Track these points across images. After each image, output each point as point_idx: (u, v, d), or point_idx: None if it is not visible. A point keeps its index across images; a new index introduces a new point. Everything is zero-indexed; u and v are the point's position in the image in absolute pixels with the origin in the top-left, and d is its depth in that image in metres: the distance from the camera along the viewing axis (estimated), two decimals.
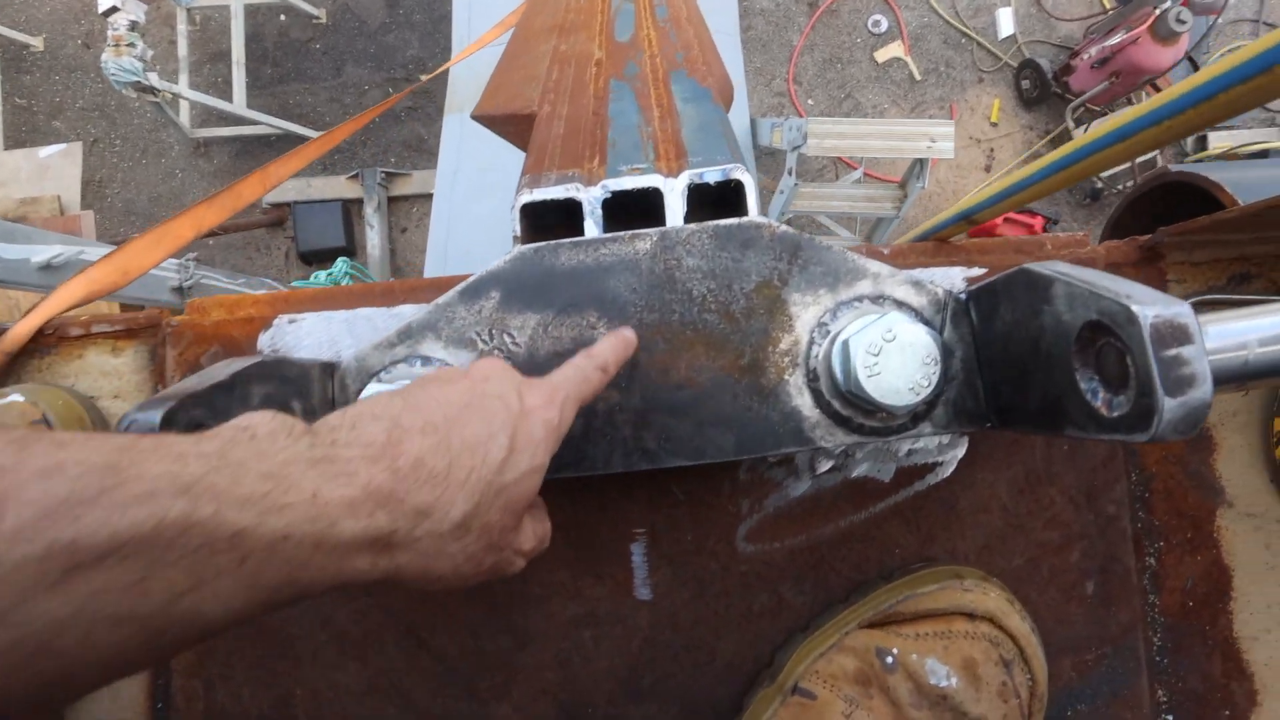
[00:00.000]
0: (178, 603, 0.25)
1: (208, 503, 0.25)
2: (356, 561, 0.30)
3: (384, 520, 0.31)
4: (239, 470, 0.27)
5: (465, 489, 0.34)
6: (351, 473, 0.30)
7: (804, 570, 0.58)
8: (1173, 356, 0.32)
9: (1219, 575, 0.58)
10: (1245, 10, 3.36)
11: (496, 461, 0.35)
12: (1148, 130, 0.35)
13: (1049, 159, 0.45)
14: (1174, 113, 0.33)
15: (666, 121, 0.67)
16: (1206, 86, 0.31)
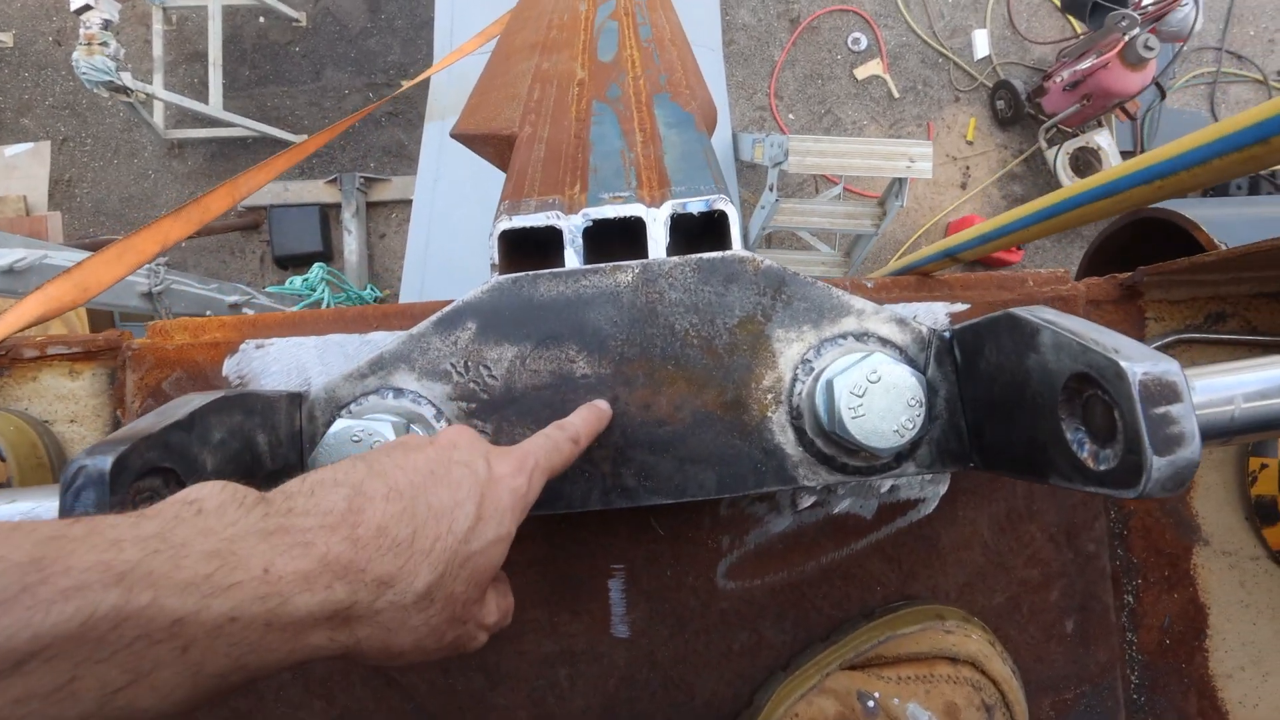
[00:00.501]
0: (111, 701, 0.23)
1: (143, 590, 0.23)
2: (312, 638, 0.29)
3: (342, 592, 0.29)
4: (180, 551, 0.25)
5: (430, 558, 0.32)
6: (308, 543, 0.29)
7: (785, 608, 0.57)
8: (1161, 414, 0.32)
9: (1195, 613, 0.58)
10: (1209, 39, 3.46)
11: (463, 530, 0.34)
12: (1138, 188, 0.35)
13: (1037, 206, 0.45)
14: (1167, 172, 0.33)
15: (649, 147, 0.66)
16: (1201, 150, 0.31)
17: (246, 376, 0.58)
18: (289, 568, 0.28)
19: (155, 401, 0.58)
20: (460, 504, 0.34)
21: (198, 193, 3.31)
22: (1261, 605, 0.58)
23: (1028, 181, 3.40)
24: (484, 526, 0.35)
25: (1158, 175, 0.34)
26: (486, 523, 0.35)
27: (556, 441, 0.43)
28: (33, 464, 0.57)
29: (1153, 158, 0.34)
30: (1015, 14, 3.46)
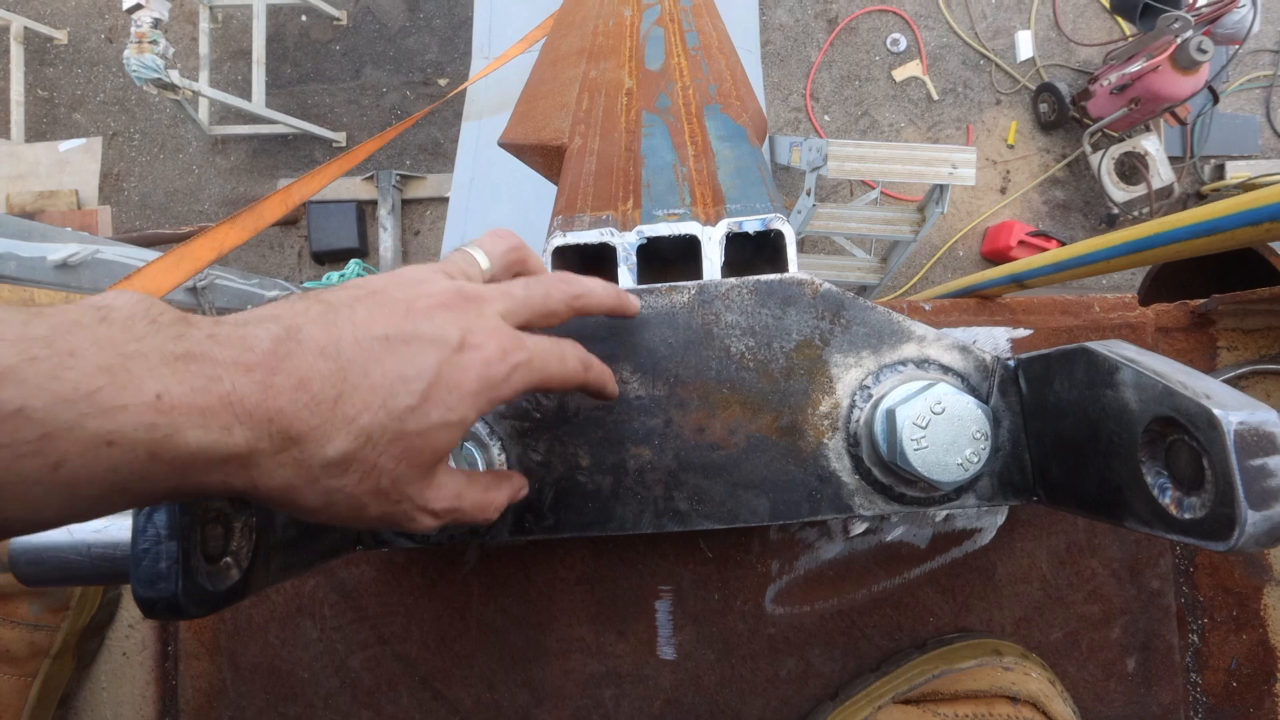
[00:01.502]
0: None
1: (10, 394, 0.22)
2: (203, 477, 0.27)
3: (241, 438, 0.27)
4: (66, 361, 0.23)
5: (351, 426, 0.30)
6: (215, 376, 0.26)
7: (834, 636, 0.56)
8: (1258, 467, 0.31)
9: (1265, 655, 0.56)
10: (1267, 41, 3.34)
11: (399, 408, 0.31)
12: (1245, 229, 0.33)
13: (1124, 238, 0.43)
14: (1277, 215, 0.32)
15: (702, 162, 0.66)
16: None
17: None
18: (185, 399, 0.25)
19: None
20: (406, 380, 0.31)
21: (239, 188, 3.38)
22: None
23: (1070, 187, 3.32)
24: (429, 408, 0.32)
25: (1270, 216, 0.32)
26: (433, 405, 0.32)
27: (563, 349, 0.39)
28: None
29: (1266, 198, 0.32)
30: (1061, 15, 3.37)
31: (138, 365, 0.25)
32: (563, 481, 0.49)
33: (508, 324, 0.36)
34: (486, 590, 0.57)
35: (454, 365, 0.33)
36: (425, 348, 0.32)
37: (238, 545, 0.39)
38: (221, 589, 0.37)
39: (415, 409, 0.31)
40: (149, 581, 0.34)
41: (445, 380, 0.32)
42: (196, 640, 0.59)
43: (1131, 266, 0.43)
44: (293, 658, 0.58)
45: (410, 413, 0.31)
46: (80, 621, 0.57)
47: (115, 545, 0.38)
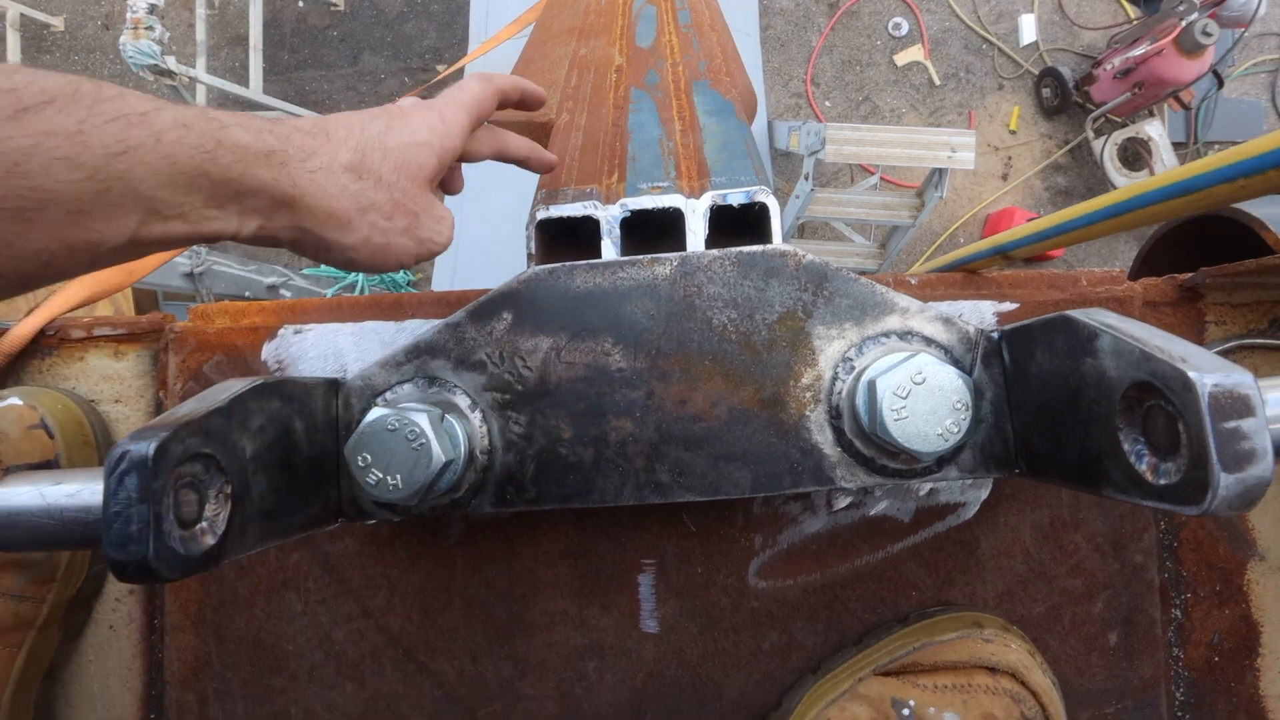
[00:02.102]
0: (114, 162, 0.30)
1: (110, 89, 0.31)
2: (258, 170, 0.35)
3: (272, 139, 0.36)
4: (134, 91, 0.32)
5: (346, 144, 0.39)
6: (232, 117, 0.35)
7: (817, 609, 0.56)
8: (1232, 429, 0.30)
9: (1247, 630, 0.56)
10: (1273, 24, 3.30)
11: (375, 131, 0.41)
12: (1221, 185, 0.33)
13: (1102, 203, 0.43)
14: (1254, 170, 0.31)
15: (689, 136, 0.65)
16: None
17: (284, 361, 0.59)
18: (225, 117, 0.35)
19: (196, 384, 0.59)
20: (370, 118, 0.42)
21: None
22: None
23: (1072, 173, 3.30)
24: (395, 132, 0.42)
25: (1242, 173, 0.31)
26: (398, 130, 0.42)
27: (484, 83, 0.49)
28: (79, 441, 0.59)
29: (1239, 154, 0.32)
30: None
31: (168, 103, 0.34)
32: (544, 454, 0.49)
33: None
34: (470, 563, 0.57)
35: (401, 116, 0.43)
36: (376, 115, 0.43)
37: (213, 512, 0.39)
38: (195, 554, 0.37)
39: (386, 132, 0.42)
40: (120, 544, 0.34)
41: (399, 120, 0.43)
42: (182, 613, 0.59)
43: (1113, 231, 0.43)
44: (277, 630, 0.58)
45: (384, 134, 0.41)
46: (66, 594, 0.58)
47: (88, 509, 0.38)
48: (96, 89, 0.30)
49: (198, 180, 0.33)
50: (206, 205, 0.34)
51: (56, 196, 0.29)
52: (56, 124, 0.29)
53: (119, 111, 0.31)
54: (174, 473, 0.36)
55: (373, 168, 0.40)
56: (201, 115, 0.34)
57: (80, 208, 0.30)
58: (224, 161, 0.34)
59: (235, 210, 0.36)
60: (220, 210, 0.35)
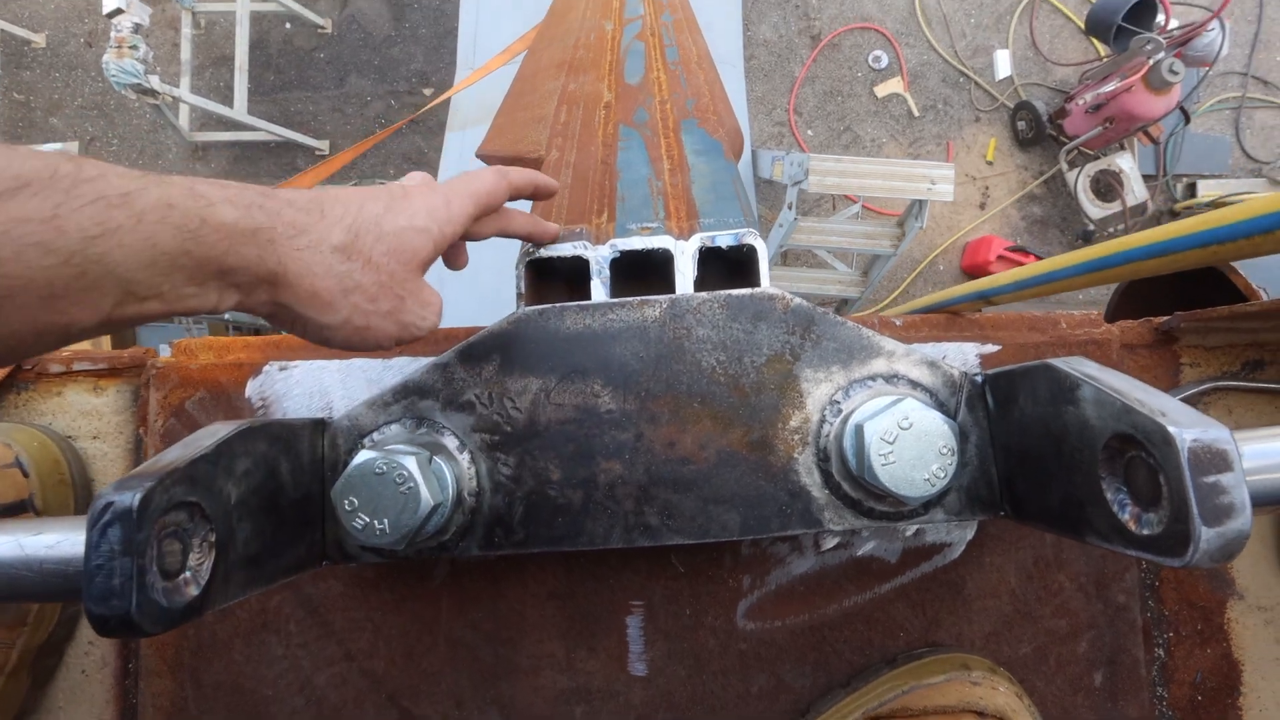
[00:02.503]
0: (91, 246, 0.29)
1: (92, 168, 0.30)
2: (243, 248, 0.34)
3: (261, 216, 0.35)
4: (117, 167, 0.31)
5: (341, 223, 0.38)
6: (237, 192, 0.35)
7: (805, 651, 0.56)
8: (1211, 484, 0.31)
9: (1229, 670, 0.56)
10: (1235, 63, 3.43)
11: (372, 213, 0.40)
12: (1193, 251, 0.34)
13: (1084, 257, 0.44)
14: (1225, 238, 0.32)
15: (677, 176, 0.66)
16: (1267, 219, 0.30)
17: (269, 399, 0.58)
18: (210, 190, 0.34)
19: (178, 420, 0.58)
20: (370, 197, 0.41)
21: None
22: None
23: (1048, 203, 3.38)
24: (394, 215, 0.41)
25: (1215, 240, 0.33)
26: (397, 212, 0.41)
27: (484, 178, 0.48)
28: (55, 480, 0.57)
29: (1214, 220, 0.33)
30: (1038, 35, 3.44)
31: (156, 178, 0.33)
32: (533, 496, 0.49)
33: None
34: (456, 605, 0.57)
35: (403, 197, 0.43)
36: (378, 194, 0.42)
37: (196, 561, 0.38)
38: (178, 605, 0.36)
39: (383, 215, 0.41)
40: (102, 598, 0.33)
41: (396, 201, 0.42)
42: (158, 657, 0.57)
43: (1092, 285, 0.44)
44: (257, 675, 0.57)
45: (381, 217, 0.40)
46: (37, 638, 0.56)
47: (67, 561, 0.37)
48: (76, 169, 0.30)
49: (179, 260, 0.32)
50: (186, 284, 0.33)
51: (28, 283, 0.28)
52: (31, 209, 0.28)
53: (99, 193, 0.30)
54: (158, 523, 0.35)
55: (364, 249, 0.39)
56: (188, 193, 0.33)
57: (53, 293, 0.29)
58: (208, 241, 0.33)
59: (215, 287, 0.35)
60: (200, 288, 0.34)
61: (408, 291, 0.42)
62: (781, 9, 3.51)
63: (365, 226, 0.39)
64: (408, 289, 0.42)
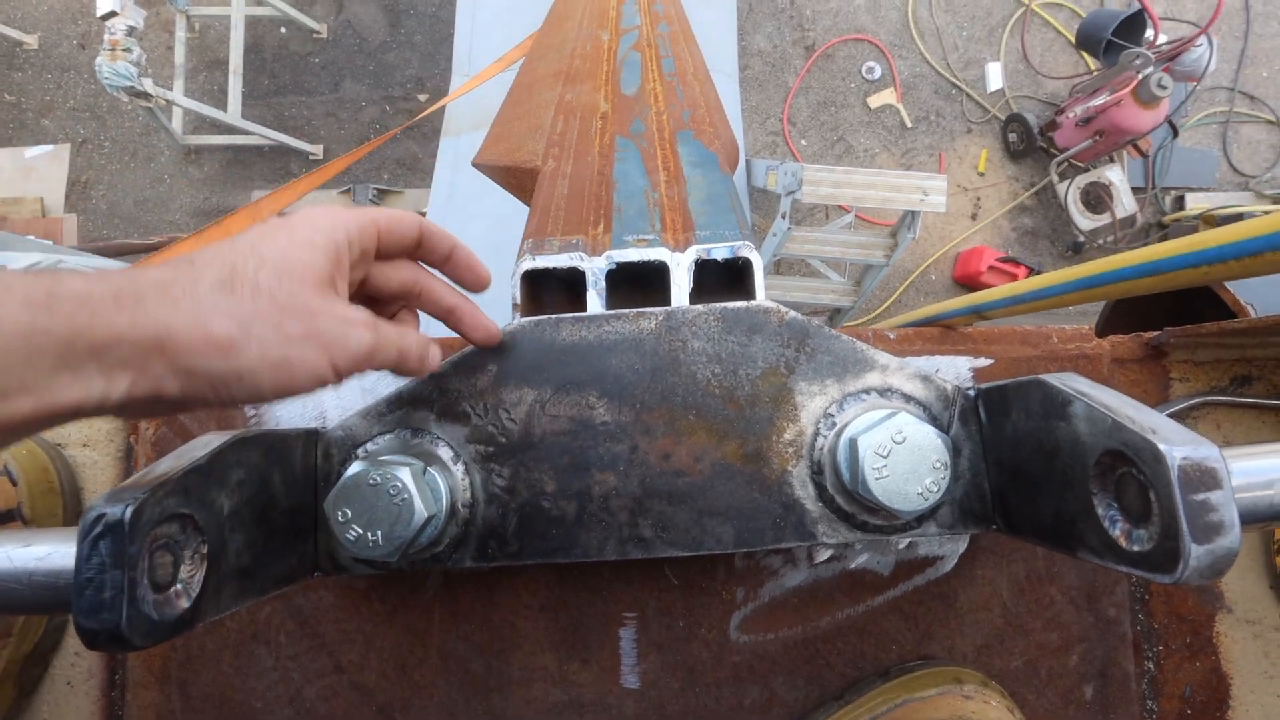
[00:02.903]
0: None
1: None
2: (110, 315, 0.30)
3: (118, 279, 0.31)
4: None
5: (213, 264, 0.34)
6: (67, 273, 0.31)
7: (798, 664, 0.56)
8: (1201, 501, 0.31)
9: (1218, 683, 0.57)
10: (1222, 79, 3.48)
11: (247, 242, 0.36)
12: (1185, 271, 0.35)
13: (1076, 274, 0.45)
14: (1215, 259, 0.33)
15: (673, 188, 0.66)
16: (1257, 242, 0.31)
17: (262, 408, 0.58)
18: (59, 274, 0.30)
19: (169, 429, 0.58)
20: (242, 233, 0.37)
21: (212, 198, 3.34)
22: None
23: (1038, 214, 3.41)
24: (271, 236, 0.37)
25: (1205, 261, 0.33)
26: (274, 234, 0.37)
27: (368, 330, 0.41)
28: (44, 488, 0.57)
29: (1203, 242, 0.34)
30: (1029, 48, 3.48)
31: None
32: (527, 507, 0.49)
33: None
34: (448, 617, 0.56)
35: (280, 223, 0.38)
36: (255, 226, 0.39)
37: (188, 574, 0.38)
38: (169, 619, 0.36)
39: (259, 241, 0.36)
40: (92, 611, 0.33)
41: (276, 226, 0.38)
42: (145, 668, 0.57)
43: (1084, 302, 0.45)
44: (246, 687, 0.56)
45: (257, 243, 0.36)
46: (23, 649, 0.55)
47: (58, 574, 0.37)
48: None
49: (35, 340, 0.28)
50: (57, 371, 0.29)
51: None
52: None
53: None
54: (150, 535, 0.35)
55: (247, 277, 0.35)
56: (28, 276, 0.29)
57: None
58: (63, 312, 0.29)
59: (96, 370, 0.30)
60: (75, 374, 0.30)
61: (317, 308, 0.37)
62: (776, 20, 3.54)
63: (242, 256, 0.35)
64: (315, 305, 0.37)
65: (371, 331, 0.39)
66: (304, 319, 0.36)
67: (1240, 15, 3.52)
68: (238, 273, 0.34)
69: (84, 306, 0.30)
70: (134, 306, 0.31)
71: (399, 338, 0.42)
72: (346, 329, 0.38)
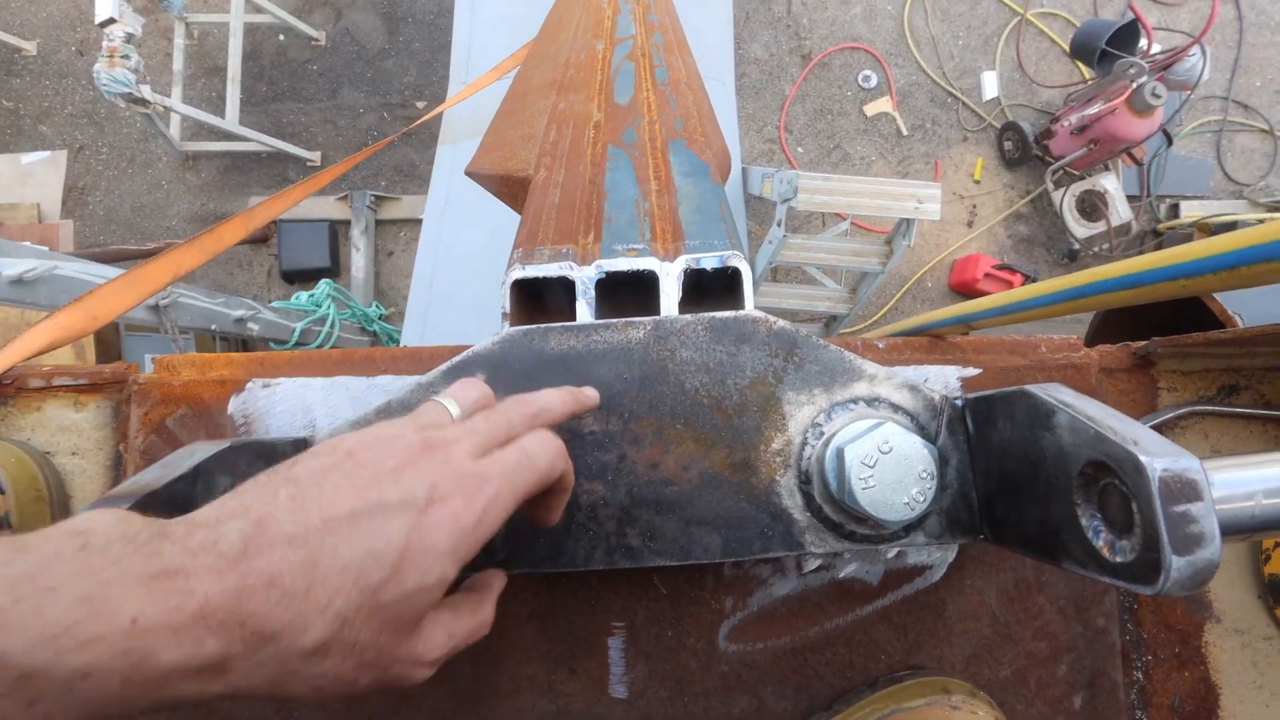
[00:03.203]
0: None
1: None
2: (179, 689, 0.27)
3: (214, 647, 0.28)
4: (47, 598, 0.25)
5: (326, 614, 0.30)
6: (188, 591, 0.27)
7: (787, 674, 0.56)
8: (1181, 513, 0.32)
9: (1207, 693, 0.57)
10: (1216, 88, 3.50)
11: (372, 584, 0.31)
12: (1164, 283, 0.35)
13: (1060, 286, 0.45)
14: (1193, 273, 0.33)
15: (664, 197, 0.67)
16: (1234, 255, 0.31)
17: (252, 416, 0.58)
18: (160, 619, 0.26)
19: (159, 438, 0.58)
20: (376, 555, 0.31)
21: (210, 205, 3.34)
22: (1275, 687, 0.56)
23: (1034, 222, 3.42)
24: (404, 578, 0.32)
25: (1184, 274, 0.33)
26: (408, 574, 0.32)
27: (530, 452, 0.38)
28: (32, 497, 0.57)
29: (1182, 255, 0.34)
30: (1024, 57, 3.50)
31: (115, 591, 0.26)
32: (515, 516, 0.49)
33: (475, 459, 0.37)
34: None
35: (423, 528, 0.33)
36: (392, 515, 0.32)
37: None
38: None
39: (388, 581, 0.32)
40: None
41: (416, 545, 0.32)
42: None
43: (1068, 313, 0.45)
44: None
45: (384, 585, 0.31)
46: None
47: None
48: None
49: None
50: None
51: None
52: None
53: None
54: None
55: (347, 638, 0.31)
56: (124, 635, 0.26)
57: None
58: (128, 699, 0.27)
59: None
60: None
61: (394, 657, 0.34)
62: (773, 28, 3.56)
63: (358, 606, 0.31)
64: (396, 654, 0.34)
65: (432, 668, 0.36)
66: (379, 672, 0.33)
67: (1233, 25, 3.54)
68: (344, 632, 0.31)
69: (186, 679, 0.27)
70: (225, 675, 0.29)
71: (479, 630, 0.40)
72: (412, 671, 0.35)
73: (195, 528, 0.30)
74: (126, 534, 0.28)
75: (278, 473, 0.34)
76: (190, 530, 0.30)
